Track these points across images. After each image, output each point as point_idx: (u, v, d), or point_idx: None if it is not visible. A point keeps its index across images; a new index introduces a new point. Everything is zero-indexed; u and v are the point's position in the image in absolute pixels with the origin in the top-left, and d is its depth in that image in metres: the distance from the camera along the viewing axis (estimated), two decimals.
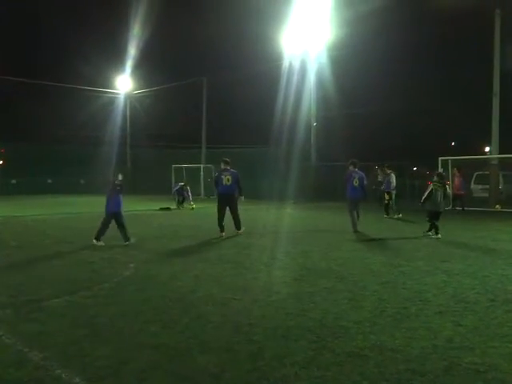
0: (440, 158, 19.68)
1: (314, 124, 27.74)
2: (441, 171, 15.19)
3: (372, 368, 3.52)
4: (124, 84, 37.80)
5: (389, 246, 9.61)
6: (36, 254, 8.37)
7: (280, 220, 14.69)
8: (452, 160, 19.45)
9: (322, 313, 4.86)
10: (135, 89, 38.05)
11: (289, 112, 28.14)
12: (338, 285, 6.10)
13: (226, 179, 10.82)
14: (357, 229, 11.54)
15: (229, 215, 10.86)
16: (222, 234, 10.64)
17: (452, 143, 44.40)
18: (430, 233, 10.64)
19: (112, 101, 38.13)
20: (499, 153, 20.63)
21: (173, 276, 6.62)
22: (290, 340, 4.09)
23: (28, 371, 3.46)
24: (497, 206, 18.95)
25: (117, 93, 37.95)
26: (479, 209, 18.36)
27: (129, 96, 38.43)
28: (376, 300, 5.36)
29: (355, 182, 11.74)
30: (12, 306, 5.07)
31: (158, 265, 7.51)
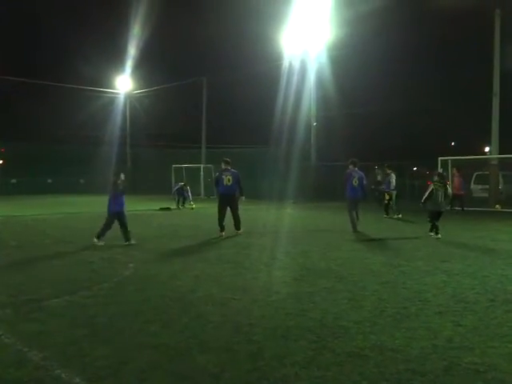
0: (440, 158, 19.65)
1: (314, 124, 27.76)
2: (441, 171, 15.19)
3: (372, 368, 3.52)
4: (124, 84, 37.80)
5: (388, 246, 9.61)
6: (36, 254, 8.36)
7: (280, 220, 14.69)
8: (452, 160, 19.44)
9: (322, 313, 4.86)
10: (135, 89, 38.06)
11: (289, 112, 28.17)
12: (338, 285, 6.10)
13: (227, 179, 10.81)
14: (356, 229, 11.53)
15: (229, 215, 10.87)
16: (222, 234, 10.64)
17: (452, 143, 44.40)
18: (432, 233, 10.65)
19: (112, 101, 38.16)
20: (499, 153, 20.64)
21: (172, 276, 6.62)
22: (290, 340, 4.09)
23: (28, 371, 3.46)
24: (496, 206, 18.95)
25: (117, 93, 37.95)
26: (479, 209, 18.37)
27: (129, 96, 38.42)
28: (376, 300, 5.36)
29: (354, 182, 11.71)
30: (12, 306, 5.07)
31: (158, 265, 7.51)
